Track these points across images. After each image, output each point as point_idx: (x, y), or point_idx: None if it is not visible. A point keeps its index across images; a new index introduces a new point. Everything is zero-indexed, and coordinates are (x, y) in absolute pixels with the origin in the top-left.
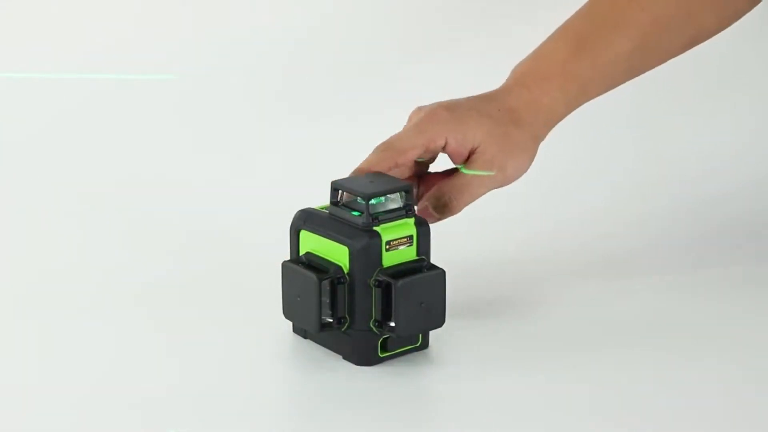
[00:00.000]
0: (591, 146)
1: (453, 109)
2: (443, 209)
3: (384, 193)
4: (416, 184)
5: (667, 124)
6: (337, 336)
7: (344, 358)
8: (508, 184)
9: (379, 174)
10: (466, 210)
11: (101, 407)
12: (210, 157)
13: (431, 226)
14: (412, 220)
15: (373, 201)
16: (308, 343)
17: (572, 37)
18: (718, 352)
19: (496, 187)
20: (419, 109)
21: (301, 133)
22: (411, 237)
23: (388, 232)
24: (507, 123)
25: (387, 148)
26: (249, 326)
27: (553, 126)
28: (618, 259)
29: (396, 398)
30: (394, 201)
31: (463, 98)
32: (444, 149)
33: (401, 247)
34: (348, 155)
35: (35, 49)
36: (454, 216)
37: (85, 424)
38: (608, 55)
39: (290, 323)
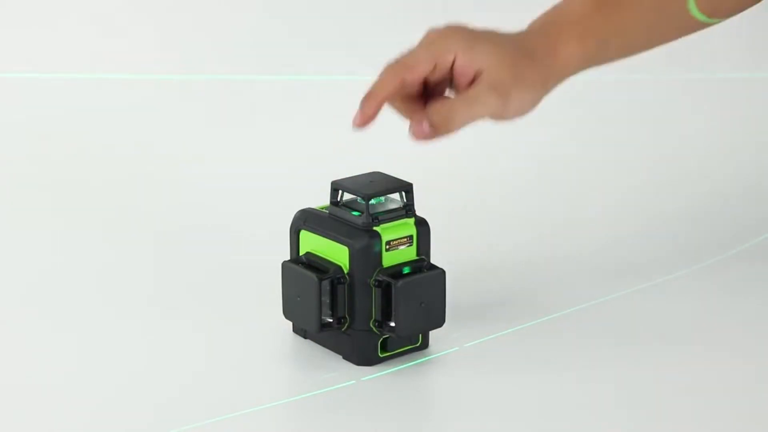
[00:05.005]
0: (593, 147)
1: (467, 29)
2: (440, 123)
3: (384, 193)
4: (423, 106)
5: (670, 125)
6: (337, 336)
7: (344, 358)
8: (506, 118)
9: (379, 174)
10: (467, 210)
11: (99, 407)
12: (210, 157)
13: (431, 223)
14: (412, 220)
15: (373, 201)
16: (308, 343)
17: None
18: (720, 353)
19: (494, 117)
20: (433, 28)
21: (301, 132)
22: (411, 237)
23: (388, 232)
24: (519, 55)
25: (394, 66)
26: (249, 326)
27: (566, 77)
28: (620, 260)
29: (396, 398)
30: (394, 201)
31: (481, 28)
32: (451, 68)
33: (401, 247)
34: (348, 155)
35: (30, 48)
36: (451, 216)
37: (82, 423)
38: (628, 15)
39: (290, 323)
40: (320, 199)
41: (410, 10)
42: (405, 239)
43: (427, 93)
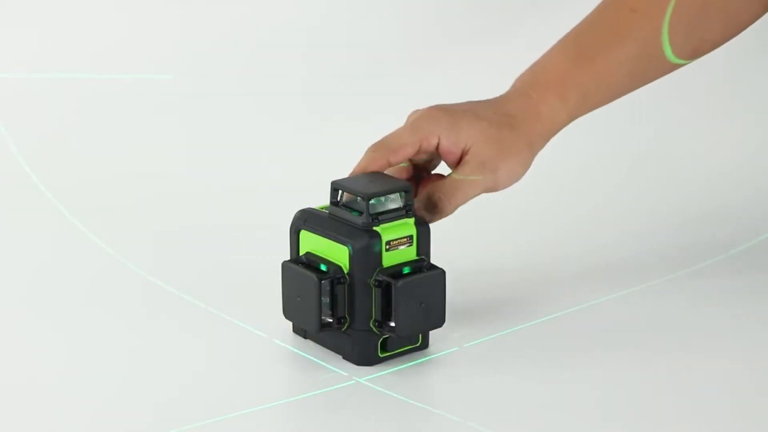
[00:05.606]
0: (592, 147)
1: (448, 110)
2: (433, 210)
3: (384, 193)
4: (414, 187)
5: (670, 128)
6: (337, 336)
7: (344, 358)
8: (499, 189)
9: (379, 174)
10: (467, 210)
11: (99, 407)
12: (210, 157)
13: (431, 225)
14: (412, 220)
15: (373, 201)
16: (308, 343)
17: (572, 46)
18: (720, 354)
19: (488, 191)
20: (416, 111)
21: (301, 133)
22: (411, 237)
23: (388, 232)
24: (503, 126)
25: (378, 147)
26: (249, 326)
27: (552, 136)
28: (619, 260)
29: (396, 398)
30: (394, 201)
31: (462, 102)
32: (437, 149)
33: (401, 247)
34: (348, 155)
35: (30, 48)
36: (451, 216)
37: (82, 423)
38: (609, 64)
39: (290, 323)
40: (320, 199)
41: (410, 12)
42: (405, 239)
43: (417, 172)
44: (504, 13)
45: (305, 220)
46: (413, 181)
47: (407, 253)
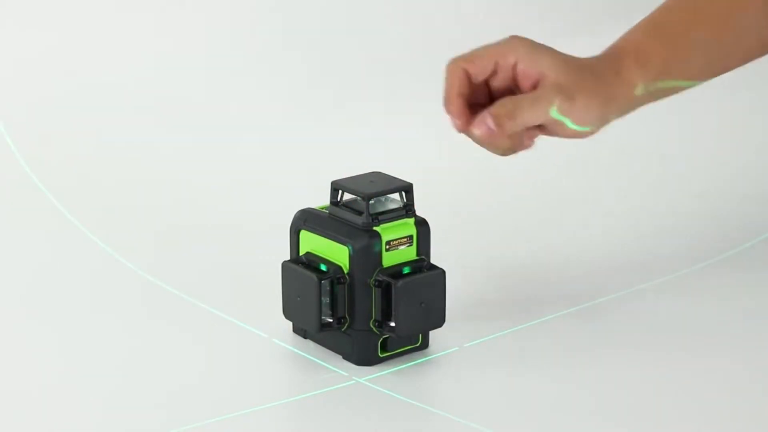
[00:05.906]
0: (592, 146)
1: (529, 39)
2: (503, 119)
3: (384, 193)
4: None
5: (670, 128)
6: (337, 336)
7: (344, 358)
8: (573, 121)
9: (379, 174)
10: (467, 210)
11: (99, 407)
12: (210, 157)
13: (431, 223)
14: (412, 220)
15: (372, 201)
16: (308, 343)
17: (649, 24)
18: (720, 353)
19: (553, 125)
20: None
21: (301, 133)
22: (411, 237)
23: (388, 232)
24: (584, 69)
25: (456, 57)
26: (249, 326)
27: (626, 105)
28: (619, 260)
29: (396, 398)
30: (394, 201)
31: None
32: (514, 70)
33: (401, 247)
34: (348, 155)
35: (29, 48)
36: (451, 216)
37: (82, 424)
38: (684, 41)
39: (290, 323)
40: (320, 199)
41: (410, 12)
42: (405, 239)
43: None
44: (504, 14)
45: (305, 220)
46: (486, 105)
47: (407, 253)
